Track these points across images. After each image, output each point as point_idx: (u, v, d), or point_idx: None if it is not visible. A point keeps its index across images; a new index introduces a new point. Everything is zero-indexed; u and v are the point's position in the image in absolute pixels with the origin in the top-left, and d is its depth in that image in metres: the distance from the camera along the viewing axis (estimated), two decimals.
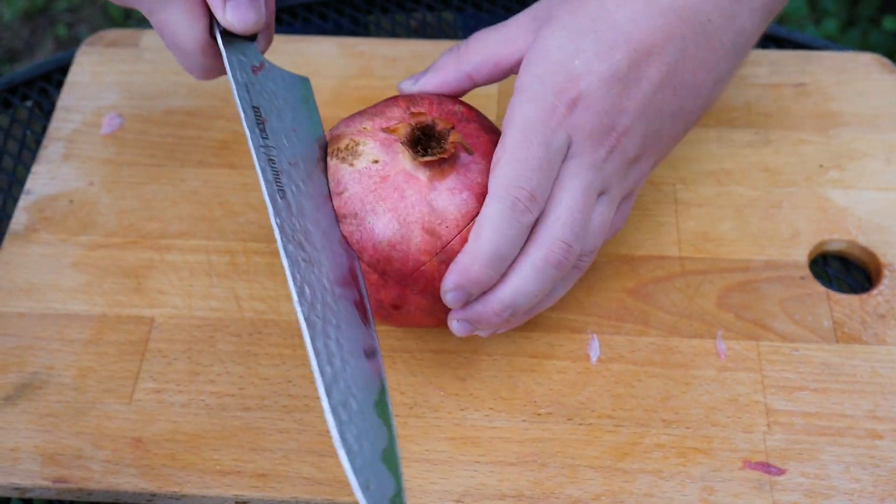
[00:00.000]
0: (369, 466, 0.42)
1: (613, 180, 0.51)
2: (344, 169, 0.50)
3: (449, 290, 0.48)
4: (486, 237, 0.47)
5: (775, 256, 0.61)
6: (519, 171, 0.47)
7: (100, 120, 0.68)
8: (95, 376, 0.57)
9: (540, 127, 0.48)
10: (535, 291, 0.48)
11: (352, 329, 0.46)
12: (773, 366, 0.56)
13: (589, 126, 0.49)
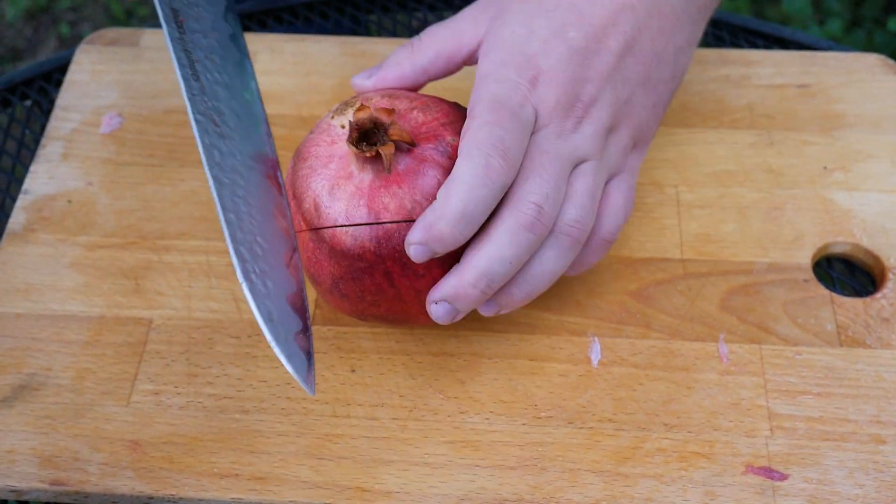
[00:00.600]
0: (274, 302, 0.45)
1: (589, 152, 0.51)
2: (326, 117, 0.52)
3: (412, 244, 0.47)
4: (455, 195, 0.46)
5: (778, 259, 0.60)
6: (490, 131, 0.47)
7: (99, 119, 0.68)
8: (93, 378, 0.56)
9: (507, 101, 0.48)
10: (510, 257, 0.47)
11: (262, 191, 0.48)
12: (775, 370, 0.56)
13: (553, 98, 0.49)
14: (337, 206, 0.49)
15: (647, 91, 0.53)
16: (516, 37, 0.50)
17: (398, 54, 0.54)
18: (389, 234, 0.49)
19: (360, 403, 0.55)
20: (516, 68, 0.50)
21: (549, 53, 0.50)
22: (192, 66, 0.51)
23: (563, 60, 0.50)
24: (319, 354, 0.57)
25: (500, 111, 0.48)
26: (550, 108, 0.49)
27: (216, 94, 0.51)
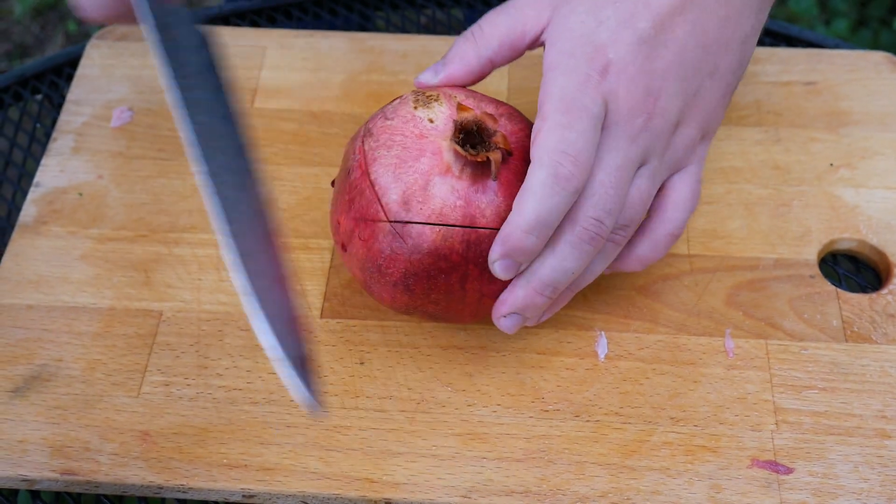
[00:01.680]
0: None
1: (654, 149, 0.50)
2: (406, 106, 0.51)
3: (496, 260, 0.48)
4: (529, 205, 0.46)
5: (785, 255, 0.61)
6: (561, 135, 0.47)
7: (109, 113, 0.68)
8: (104, 369, 0.57)
9: (578, 94, 0.48)
10: (573, 268, 0.49)
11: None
12: (781, 364, 0.56)
13: (623, 90, 0.49)
14: (432, 204, 0.49)
15: (714, 81, 0.52)
16: (584, 26, 0.49)
17: (461, 47, 0.53)
18: (481, 240, 0.49)
19: (369, 395, 0.55)
20: (586, 59, 0.48)
21: (619, 43, 0.49)
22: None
23: (633, 51, 0.49)
24: (328, 347, 0.57)
25: (570, 111, 0.47)
26: (621, 100, 0.49)
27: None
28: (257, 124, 0.68)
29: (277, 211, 0.63)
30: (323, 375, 0.56)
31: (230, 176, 0.45)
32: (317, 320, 0.58)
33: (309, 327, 0.58)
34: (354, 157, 0.51)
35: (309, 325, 0.58)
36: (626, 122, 0.49)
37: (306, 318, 0.58)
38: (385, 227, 0.49)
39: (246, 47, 0.72)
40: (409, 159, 0.49)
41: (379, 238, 0.49)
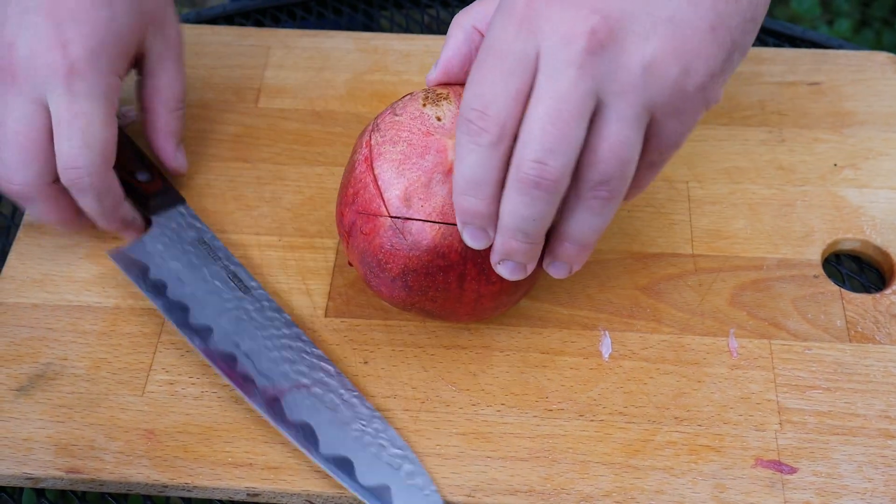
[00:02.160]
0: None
1: (612, 82, 0.42)
2: (415, 103, 0.51)
3: (461, 226, 0.47)
4: (456, 169, 0.45)
5: (789, 255, 0.61)
6: (470, 91, 0.43)
7: None
8: (109, 368, 0.57)
9: (496, 38, 0.43)
10: (530, 215, 0.44)
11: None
12: (785, 364, 0.56)
13: (556, 15, 0.42)
14: (434, 202, 0.49)
15: (694, 6, 0.43)
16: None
17: (451, 30, 0.50)
18: None
19: (373, 395, 0.55)
20: (510, 7, 0.43)
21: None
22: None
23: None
24: (332, 346, 0.57)
25: (484, 62, 0.43)
26: (553, 26, 0.42)
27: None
28: (261, 124, 0.68)
29: (282, 211, 0.63)
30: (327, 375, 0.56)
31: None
32: (321, 319, 0.58)
33: (312, 327, 0.58)
34: (361, 150, 0.51)
35: (312, 323, 0.58)
36: (562, 49, 0.41)
37: (310, 318, 0.58)
38: (386, 222, 0.49)
39: (250, 47, 0.72)
40: (414, 156, 0.49)
41: (380, 233, 0.50)
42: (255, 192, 0.64)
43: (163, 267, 0.58)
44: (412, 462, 0.52)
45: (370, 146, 0.51)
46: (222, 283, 0.58)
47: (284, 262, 0.61)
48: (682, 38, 0.42)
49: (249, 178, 0.65)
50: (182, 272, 0.58)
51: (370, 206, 0.50)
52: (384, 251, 0.50)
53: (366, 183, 0.50)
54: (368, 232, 0.50)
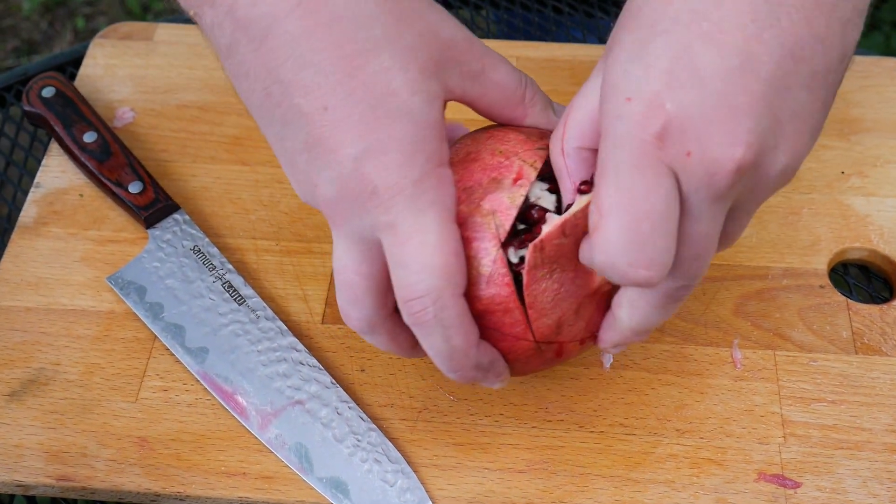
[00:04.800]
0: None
1: (749, 202, 0.42)
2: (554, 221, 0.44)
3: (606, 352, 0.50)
4: (625, 316, 0.44)
5: (794, 264, 0.60)
6: (628, 245, 0.39)
7: (112, 114, 0.68)
8: (102, 373, 0.56)
9: (636, 178, 0.39)
10: (660, 321, 0.45)
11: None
12: (790, 376, 0.55)
13: (695, 148, 0.38)
14: (579, 325, 0.46)
15: (813, 89, 0.40)
16: (629, 77, 0.40)
17: (554, 158, 0.45)
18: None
19: (369, 404, 0.54)
20: (637, 120, 0.39)
21: (675, 87, 0.39)
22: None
23: (698, 95, 0.39)
24: (328, 354, 0.56)
25: (631, 205, 0.39)
26: (693, 163, 0.39)
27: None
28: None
29: (280, 215, 0.62)
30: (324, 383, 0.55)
31: None
32: (318, 326, 0.58)
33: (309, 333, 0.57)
34: (496, 261, 0.44)
35: (309, 330, 0.57)
36: (706, 187, 0.39)
37: (307, 325, 0.58)
38: (527, 344, 0.46)
39: None
40: (567, 282, 0.45)
41: (515, 349, 0.46)
42: (253, 196, 0.63)
43: (159, 286, 0.58)
44: (407, 476, 0.51)
45: (528, 271, 0.44)
46: (217, 296, 0.57)
47: (281, 266, 0.60)
48: (803, 132, 0.40)
49: (247, 181, 0.64)
50: (178, 289, 0.58)
51: (512, 330, 0.45)
52: (515, 359, 0.47)
53: (508, 308, 0.44)
54: (500, 344, 0.46)
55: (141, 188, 0.61)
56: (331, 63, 0.41)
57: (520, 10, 0.78)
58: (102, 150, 0.63)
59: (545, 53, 0.71)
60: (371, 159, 0.41)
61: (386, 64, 0.41)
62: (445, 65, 0.43)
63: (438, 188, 0.42)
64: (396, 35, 0.42)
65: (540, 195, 0.45)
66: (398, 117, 0.41)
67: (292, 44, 0.41)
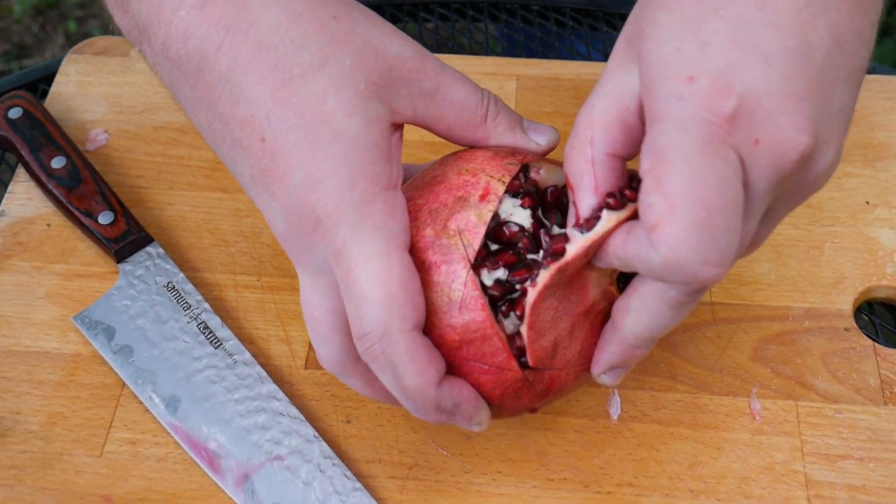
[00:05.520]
0: None
1: (792, 198, 0.40)
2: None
3: (602, 374, 0.43)
4: (635, 321, 0.40)
5: (817, 304, 0.55)
6: (699, 238, 0.36)
7: (84, 135, 0.63)
8: (65, 424, 0.51)
9: (703, 161, 0.35)
10: (673, 324, 0.41)
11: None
12: (813, 430, 0.51)
13: (765, 132, 0.36)
14: (574, 348, 0.42)
15: (850, 83, 0.39)
16: (683, 55, 0.37)
17: (576, 161, 0.41)
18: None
19: (355, 459, 0.50)
20: (702, 99, 0.36)
21: (743, 66, 0.37)
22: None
23: (768, 73, 0.36)
24: (311, 402, 0.52)
25: (702, 194, 0.36)
26: (762, 150, 0.36)
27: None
28: None
29: (261, 247, 0.58)
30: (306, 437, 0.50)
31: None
32: (300, 371, 0.53)
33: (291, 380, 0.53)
34: (468, 289, 0.40)
35: (291, 376, 0.53)
36: (766, 178, 0.36)
37: (289, 369, 0.53)
38: (514, 375, 0.42)
39: None
40: (564, 298, 0.41)
41: (501, 384, 0.42)
42: (233, 226, 0.59)
43: (129, 326, 0.54)
44: None
45: (541, 291, 0.40)
46: (192, 338, 0.53)
47: (262, 304, 0.56)
48: (842, 131, 0.39)
49: (227, 210, 0.60)
50: (150, 330, 0.53)
51: (493, 360, 0.41)
52: (505, 398, 0.42)
53: (486, 335, 0.40)
54: (484, 382, 0.42)
55: (111, 219, 0.57)
56: (262, 93, 0.39)
57: (520, 24, 0.74)
58: (71, 177, 0.58)
59: (547, 72, 0.66)
60: (310, 187, 0.39)
61: (318, 87, 0.39)
62: (391, 84, 0.41)
63: (384, 212, 0.39)
64: (331, 56, 0.40)
65: (512, 211, 0.42)
66: (334, 141, 0.39)
67: (225, 78, 0.40)
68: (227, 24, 0.40)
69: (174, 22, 0.40)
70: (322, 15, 0.40)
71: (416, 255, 0.41)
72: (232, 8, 0.40)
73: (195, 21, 0.40)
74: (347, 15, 0.41)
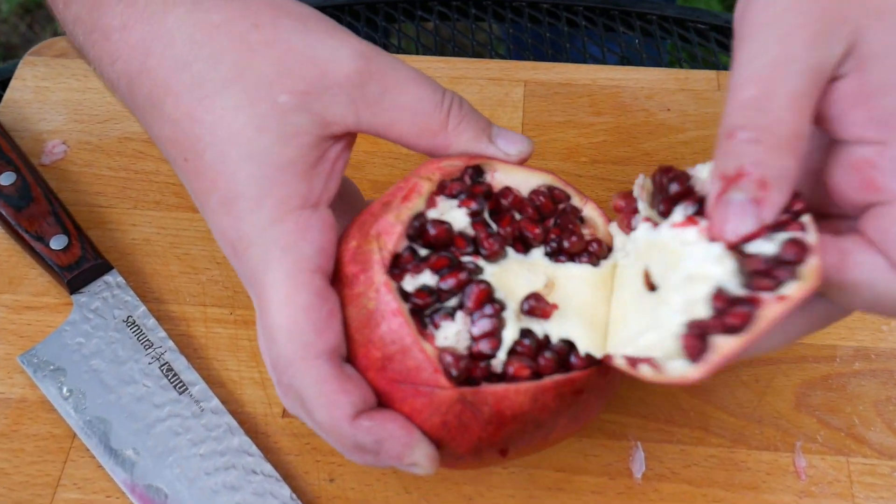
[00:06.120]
0: None
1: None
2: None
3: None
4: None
5: (866, 342, 0.49)
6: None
7: (40, 147, 0.57)
8: (6, 482, 0.45)
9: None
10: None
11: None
12: (868, 490, 0.45)
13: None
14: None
15: None
16: None
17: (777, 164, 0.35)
18: (578, 387, 0.36)
19: None
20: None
21: None
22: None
23: None
24: (289, 457, 0.45)
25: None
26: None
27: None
28: None
29: (235, 275, 0.51)
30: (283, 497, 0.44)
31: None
32: (277, 420, 0.47)
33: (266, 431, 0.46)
34: (381, 294, 0.36)
35: (266, 426, 0.46)
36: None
37: (264, 418, 0.46)
38: (448, 395, 0.35)
39: None
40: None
41: (438, 408, 0.35)
42: (205, 251, 0.52)
43: (82, 368, 0.48)
44: None
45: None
46: (153, 382, 0.47)
47: (236, 342, 0.49)
48: None
49: (198, 232, 0.53)
50: (106, 372, 0.47)
51: (419, 376, 0.35)
52: (448, 429, 0.36)
53: (405, 346, 0.35)
54: (418, 410, 0.36)
55: (65, 243, 0.50)
56: (181, 112, 0.37)
57: (528, 24, 0.67)
58: (21, 195, 0.52)
59: (559, 76, 0.59)
60: (224, 209, 0.37)
61: (231, 102, 0.37)
62: (324, 92, 0.37)
63: (294, 233, 0.37)
64: (248, 69, 0.37)
65: (446, 212, 0.38)
66: (244, 160, 0.37)
67: (149, 100, 0.38)
68: (146, 47, 0.38)
69: (103, 46, 0.39)
70: (240, 26, 0.38)
71: (341, 270, 0.37)
72: (150, 28, 0.38)
73: (118, 44, 0.39)
74: (271, 22, 0.38)
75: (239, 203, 0.37)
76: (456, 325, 0.35)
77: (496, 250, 0.37)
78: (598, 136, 0.57)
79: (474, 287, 0.36)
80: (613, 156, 0.56)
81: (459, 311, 0.36)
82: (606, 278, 0.39)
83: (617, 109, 0.58)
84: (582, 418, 0.38)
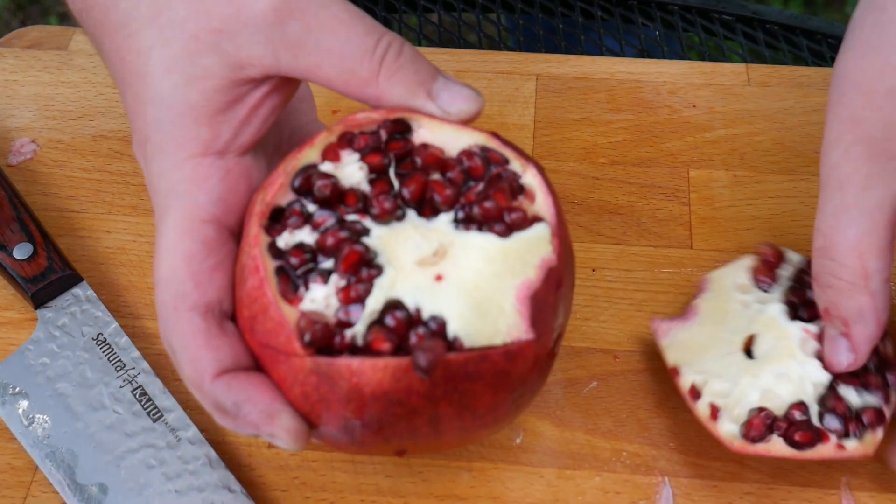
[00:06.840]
0: None
1: None
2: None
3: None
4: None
5: None
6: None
7: (7, 146, 0.52)
8: None
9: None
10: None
11: None
12: None
13: None
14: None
15: None
16: (879, 75, 0.37)
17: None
18: (454, 371, 0.32)
19: None
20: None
21: None
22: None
23: None
24: (276, 494, 0.41)
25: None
26: None
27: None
28: None
29: None
30: None
31: None
32: (263, 451, 0.42)
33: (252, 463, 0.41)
34: (250, 248, 0.35)
35: (251, 458, 0.42)
36: None
37: (248, 448, 0.42)
38: (301, 363, 0.32)
39: None
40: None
41: (305, 380, 0.33)
42: None
43: (46, 391, 0.44)
44: None
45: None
46: (125, 408, 0.42)
47: None
48: None
49: None
50: (72, 396, 0.43)
51: (276, 340, 0.33)
52: (310, 403, 0.33)
53: (264, 304, 0.33)
54: (282, 377, 0.33)
55: (30, 252, 0.46)
56: (112, 51, 0.38)
57: (540, 15, 0.62)
58: None
59: (574, 70, 0.55)
60: (139, 152, 0.37)
61: (146, 43, 0.36)
62: (240, 31, 0.35)
63: (190, 181, 0.36)
64: (165, 6, 0.36)
65: (345, 166, 0.36)
66: (150, 102, 0.36)
67: (94, 39, 0.39)
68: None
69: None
70: None
71: (243, 228, 0.36)
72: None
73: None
74: None
75: (146, 147, 0.36)
76: (326, 289, 0.33)
77: (387, 209, 0.35)
78: (616, 135, 0.52)
79: (347, 248, 0.33)
80: (634, 156, 0.51)
81: (335, 273, 0.33)
82: (512, 252, 0.33)
83: (637, 106, 0.53)
84: (482, 413, 0.33)
